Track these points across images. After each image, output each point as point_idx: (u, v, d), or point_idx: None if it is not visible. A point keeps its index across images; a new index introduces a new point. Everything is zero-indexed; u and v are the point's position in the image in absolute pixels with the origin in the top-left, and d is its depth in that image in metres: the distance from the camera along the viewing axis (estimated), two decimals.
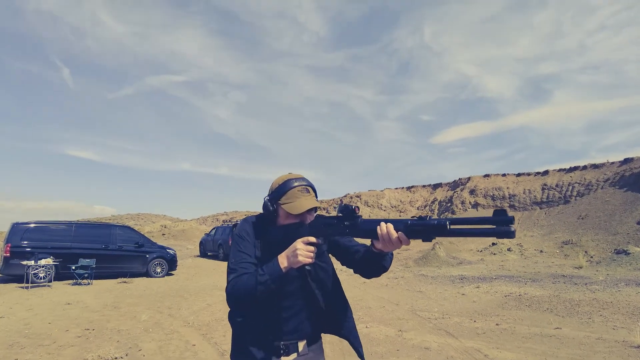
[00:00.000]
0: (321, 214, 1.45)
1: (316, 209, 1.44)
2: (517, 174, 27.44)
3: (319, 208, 1.47)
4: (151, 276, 11.27)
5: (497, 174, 28.49)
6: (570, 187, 22.79)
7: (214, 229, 19.36)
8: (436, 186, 32.95)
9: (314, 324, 1.47)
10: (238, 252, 1.37)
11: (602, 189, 20.97)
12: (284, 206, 1.36)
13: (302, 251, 1.23)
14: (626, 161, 21.72)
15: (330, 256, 1.55)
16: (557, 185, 23.72)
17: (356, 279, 10.26)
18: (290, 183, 1.38)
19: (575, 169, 24.31)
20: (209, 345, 4.79)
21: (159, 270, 11.51)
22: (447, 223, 1.03)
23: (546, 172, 25.66)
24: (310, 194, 1.39)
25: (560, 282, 9.85)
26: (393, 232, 1.14)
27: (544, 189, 24.20)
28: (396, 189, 34.95)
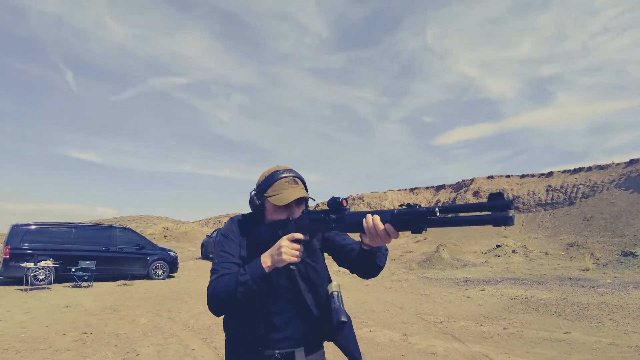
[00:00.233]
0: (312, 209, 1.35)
1: (306, 202, 1.34)
2: (521, 175, 27.23)
3: (313, 202, 1.37)
4: (152, 278, 11.17)
5: (501, 176, 28.28)
6: (575, 189, 22.56)
7: (215, 230, 19.30)
8: (439, 188, 32.76)
9: (310, 330, 1.33)
10: (222, 253, 1.29)
11: (608, 190, 20.74)
12: (270, 199, 1.27)
13: (287, 249, 1.13)
14: (632, 162, 21.49)
15: (327, 256, 1.45)
16: (561, 187, 23.50)
17: (359, 281, 10.12)
18: (277, 174, 1.30)
19: (580, 170, 24.07)
20: (209, 349, 4.66)
21: (159, 272, 11.41)
22: (436, 210, 0.91)
23: (550, 174, 25.42)
24: (298, 185, 1.30)
25: (567, 284, 9.68)
26: (379, 224, 1.03)
27: (548, 190, 23.97)
28: (399, 190, 34.77)
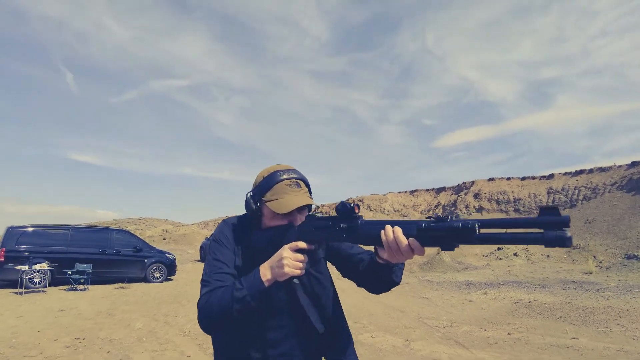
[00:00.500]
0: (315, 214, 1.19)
1: (309, 207, 1.18)
2: (522, 177, 27.12)
3: (315, 208, 1.21)
4: (149, 281, 11.01)
5: (502, 178, 28.17)
6: (577, 191, 22.43)
7: None
8: (440, 190, 32.63)
9: (310, 347, 1.17)
10: (214, 262, 1.13)
11: (610, 192, 20.61)
12: (268, 204, 1.11)
13: (289, 260, 0.98)
14: (634, 164, 21.37)
15: (329, 264, 1.28)
16: (562, 189, 23.38)
17: None
18: (277, 176, 1.13)
19: (582, 172, 23.96)
20: (205, 356, 4.51)
21: (157, 275, 11.24)
22: (475, 225, 0.76)
23: (552, 176, 25.30)
24: (301, 188, 1.14)
25: (570, 288, 9.53)
26: (402, 239, 0.88)
27: (549, 192, 23.85)
28: (399, 193, 34.64)
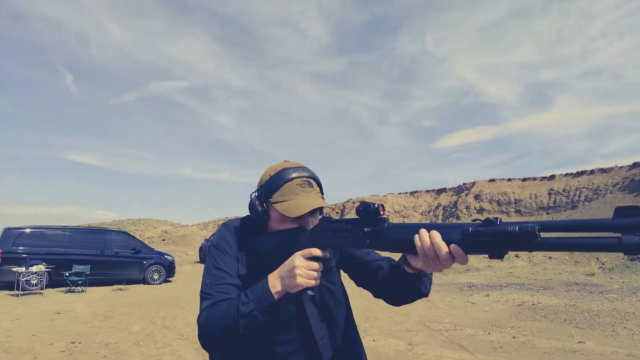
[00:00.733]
0: (327, 216, 1.07)
1: (321, 209, 1.07)
2: (522, 178, 27.01)
3: (328, 210, 1.10)
4: (148, 283, 10.90)
5: (503, 179, 28.07)
6: (578, 192, 22.33)
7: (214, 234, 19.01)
8: (440, 191, 32.53)
9: None
10: (214, 271, 0.99)
11: (611, 193, 20.52)
12: (276, 206, 0.99)
13: (302, 270, 0.86)
14: (635, 165, 21.28)
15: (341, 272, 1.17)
16: (564, 190, 23.28)
17: None
18: (286, 174, 1.01)
19: (583, 173, 23.86)
20: None
21: (156, 277, 11.13)
22: (536, 229, 0.62)
23: (552, 177, 25.20)
24: (313, 188, 1.02)
25: (573, 290, 9.42)
26: (442, 246, 0.75)
27: (550, 193, 23.75)
28: (399, 194, 34.54)
